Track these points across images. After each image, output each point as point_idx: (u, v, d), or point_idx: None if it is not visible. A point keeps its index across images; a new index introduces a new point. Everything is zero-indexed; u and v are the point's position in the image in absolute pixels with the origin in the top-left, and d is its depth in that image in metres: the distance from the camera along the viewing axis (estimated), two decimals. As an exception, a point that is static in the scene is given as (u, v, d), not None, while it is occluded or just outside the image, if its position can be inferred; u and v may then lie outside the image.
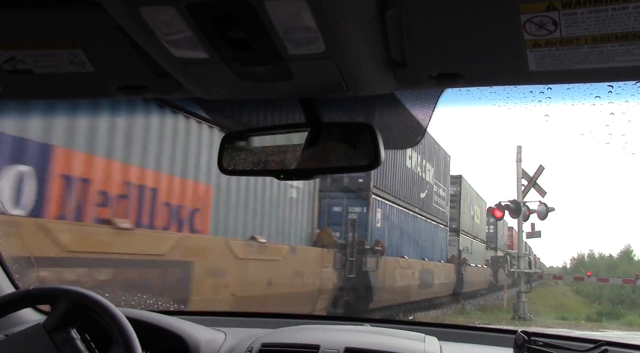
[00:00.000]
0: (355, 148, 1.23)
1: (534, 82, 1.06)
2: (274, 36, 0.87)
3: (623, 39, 0.86)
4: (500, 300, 19.06)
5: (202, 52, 0.93)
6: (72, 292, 1.56)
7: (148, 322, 1.91)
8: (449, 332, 2.25)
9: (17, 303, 1.66)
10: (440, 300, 17.11)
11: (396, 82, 1.06)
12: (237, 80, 1.03)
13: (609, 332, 9.30)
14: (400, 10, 0.86)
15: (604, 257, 32.38)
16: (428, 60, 0.99)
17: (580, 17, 0.83)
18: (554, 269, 27.57)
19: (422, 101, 1.37)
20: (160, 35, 0.88)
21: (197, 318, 2.24)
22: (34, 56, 1.06)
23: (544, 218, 15.36)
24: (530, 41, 0.89)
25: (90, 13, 0.90)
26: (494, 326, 2.61)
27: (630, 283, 18.82)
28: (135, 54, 1.01)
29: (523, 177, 15.63)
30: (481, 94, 1.29)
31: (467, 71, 1.01)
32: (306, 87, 1.08)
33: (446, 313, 15.64)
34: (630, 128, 4.62)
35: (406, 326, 2.32)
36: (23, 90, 1.22)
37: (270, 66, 0.97)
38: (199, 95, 1.16)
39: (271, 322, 2.37)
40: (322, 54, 0.92)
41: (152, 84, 1.14)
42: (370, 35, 0.91)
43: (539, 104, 1.56)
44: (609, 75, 0.98)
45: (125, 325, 1.51)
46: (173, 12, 0.82)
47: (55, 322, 1.55)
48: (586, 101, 1.31)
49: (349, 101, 1.32)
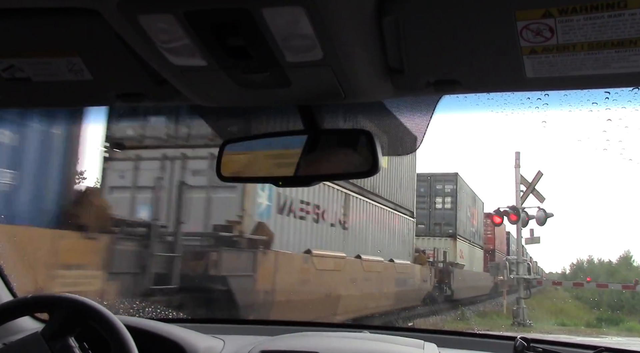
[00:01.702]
0: (353, 154, 1.23)
1: (531, 89, 1.07)
2: (272, 43, 0.87)
3: (619, 46, 0.87)
4: (500, 306, 19.02)
5: (200, 60, 0.93)
6: (70, 299, 1.56)
7: (146, 330, 1.90)
8: (448, 338, 2.24)
9: (15, 311, 1.66)
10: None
11: (394, 88, 1.06)
12: (235, 88, 1.04)
13: (608, 338, 9.29)
14: (397, 18, 0.86)
15: (603, 262, 32.38)
16: (426, 66, 0.99)
17: (576, 24, 0.83)
18: (553, 275, 27.53)
19: (420, 107, 1.37)
20: (158, 43, 0.89)
21: (195, 325, 2.23)
22: (33, 64, 1.06)
23: (543, 224, 15.38)
24: (527, 48, 0.89)
25: (88, 21, 0.90)
26: (493, 332, 2.60)
27: (630, 289, 18.80)
28: (133, 61, 1.01)
29: (522, 182, 15.66)
30: (479, 100, 1.30)
31: (465, 78, 1.01)
32: (304, 94, 1.09)
33: (445, 319, 15.60)
34: (627, 134, 4.63)
35: (405, 333, 2.31)
36: (22, 99, 1.23)
37: (268, 73, 0.98)
38: (197, 103, 1.16)
39: (269, 329, 2.36)
40: (319, 61, 0.92)
41: (151, 92, 1.14)
42: (368, 42, 0.91)
43: (536, 110, 1.56)
44: (606, 81, 0.99)
45: (124, 333, 1.51)
46: (171, 20, 0.82)
47: (54, 330, 1.54)
48: (583, 107, 1.31)
49: (347, 108, 1.32)
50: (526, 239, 16.97)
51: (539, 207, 15.43)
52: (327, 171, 1.29)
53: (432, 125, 1.41)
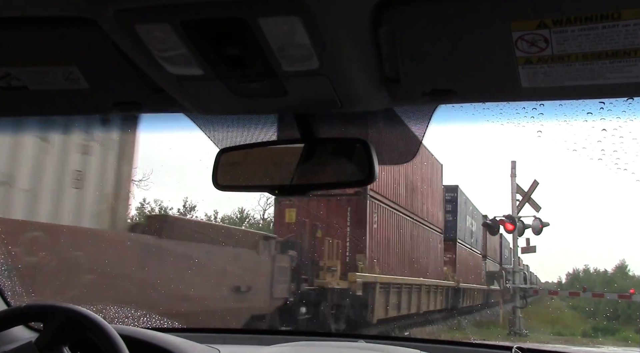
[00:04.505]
0: (349, 163, 1.23)
1: (526, 99, 1.07)
2: (268, 53, 0.88)
3: (614, 56, 0.87)
4: (496, 315, 18.99)
5: (197, 69, 0.93)
6: (64, 309, 1.55)
7: (141, 339, 1.89)
8: (444, 348, 2.24)
9: (9, 320, 1.64)
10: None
11: (390, 98, 1.07)
12: (231, 97, 1.04)
13: (605, 347, 9.27)
14: (393, 27, 0.87)
15: (599, 272, 32.39)
16: (421, 76, 1.00)
17: (571, 34, 0.84)
18: (550, 284, 27.49)
19: (416, 117, 1.38)
20: (155, 52, 0.89)
21: (190, 335, 2.22)
22: (29, 73, 1.06)
23: (539, 234, 15.39)
24: (522, 58, 0.90)
25: (85, 30, 0.91)
26: (489, 342, 2.60)
27: (626, 299, 18.78)
28: (130, 70, 1.01)
29: (518, 192, 15.69)
30: (474, 110, 1.30)
31: (460, 87, 1.02)
32: (300, 103, 1.09)
33: (441, 329, 15.56)
34: (622, 144, 4.66)
35: (401, 342, 2.30)
36: (18, 107, 1.22)
37: (265, 82, 0.98)
38: (194, 112, 1.16)
39: (265, 339, 2.35)
40: (316, 70, 0.92)
41: (147, 100, 1.14)
42: (364, 52, 0.91)
43: (531, 120, 1.57)
44: (601, 92, 1.00)
45: (118, 342, 1.49)
46: (168, 29, 0.83)
47: (48, 339, 1.53)
48: (578, 117, 1.32)
49: (344, 117, 1.32)
50: (522, 248, 16.97)
51: (535, 216, 15.46)
52: (324, 180, 1.30)
53: (428, 134, 1.41)
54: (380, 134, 1.48)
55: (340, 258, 12.47)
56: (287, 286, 10.81)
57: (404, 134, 1.47)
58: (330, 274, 11.90)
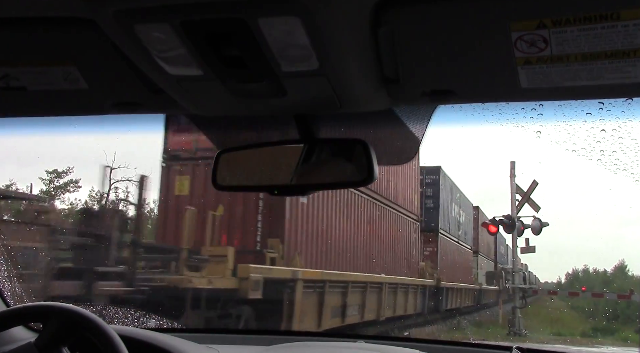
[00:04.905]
0: (349, 164, 1.23)
1: (525, 99, 1.07)
2: (268, 53, 0.88)
3: (612, 57, 0.87)
4: (495, 315, 18.98)
5: (196, 69, 0.93)
6: (63, 309, 1.55)
7: (140, 340, 1.89)
8: (443, 348, 2.24)
9: (8, 321, 1.64)
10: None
11: (389, 98, 1.07)
12: (231, 97, 1.04)
13: (604, 347, 9.27)
14: (392, 28, 0.87)
15: (598, 272, 32.38)
16: (421, 77, 1.00)
17: (570, 35, 0.84)
18: (549, 284, 27.46)
19: (416, 117, 1.38)
20: (154, 52, 0.89)
21: (189, 335, 2.22)
22: (28, 73, 1.06)
23: (539, 234, 15.38)
24: (522, 58, 0.90)
25: (84, 30, 0.90)
26: (489, 342, 2.60)
27: (625, 299, 18.78)
28: (129, 70, 1.01)
29: (517, 192, 15.68)
30: (474, 110, 1.30)
31: (460, 88, 1.02)
32: (300, 104, 1.09)
33: (441, 329, 15.55)
34: (621, 145, 4.66)
35: (401, 343, 2.30)
36: (17, 107, 1.22)
37: (264, 83, 0.98)
38: (193, 112, 1.16)
39: (264, 339, 2.35)
40: (315, 70, 0.92)
41: (146, 101, 1.14)
42: (363, 53, 0.91)
43: (531, 120, 1.57)
44: (600, 92, 1.00)
45: (118, 343, 1.49)
46: (168, 29, 0.83)
47: (47, 340, 1.53)
48: (577, 118, 1.32)
49: (343, 117, 1.32)
50: (522, 249, 16.94)
51: (535, 217, 15.45)
52: (323, 180, 1.30)
53: (427, 134, 1.42)
54: (379, 135, 1.48)
55: (239, 244, 8.92)
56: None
57: (404, 134, 1.47)
58: (214, 266, 8.12)
